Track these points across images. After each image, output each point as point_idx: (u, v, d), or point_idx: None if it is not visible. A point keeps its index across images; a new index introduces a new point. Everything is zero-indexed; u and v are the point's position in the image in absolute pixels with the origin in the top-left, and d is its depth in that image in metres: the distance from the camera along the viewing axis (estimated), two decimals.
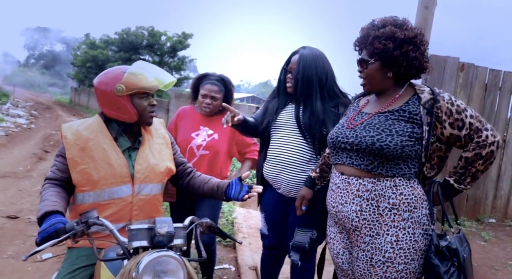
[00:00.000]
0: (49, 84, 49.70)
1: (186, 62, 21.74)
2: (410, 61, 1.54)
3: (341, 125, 1.72)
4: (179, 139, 2.50)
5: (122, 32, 20.52)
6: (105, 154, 1.64)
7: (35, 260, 3.31)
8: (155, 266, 1.14)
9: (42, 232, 1.27)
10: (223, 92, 2.49)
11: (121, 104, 1.64)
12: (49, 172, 1.63)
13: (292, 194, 2.11)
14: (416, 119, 1.52)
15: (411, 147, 1.50)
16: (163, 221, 1.23)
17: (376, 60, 1.58)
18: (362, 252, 1.59)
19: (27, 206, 4.76)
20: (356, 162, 1.59)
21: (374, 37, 1.56)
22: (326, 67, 2.10)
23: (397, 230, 1.52)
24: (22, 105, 20.14)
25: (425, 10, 4.22)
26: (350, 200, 1.60)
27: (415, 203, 1.53)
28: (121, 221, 1.66)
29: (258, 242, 3.86)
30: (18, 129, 12.19)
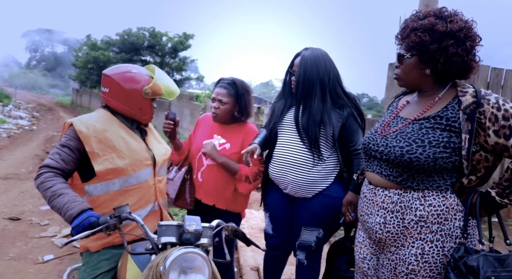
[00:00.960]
0: (51, 86, 49.83)
1: (187, 63, 21.76)
2: (450, 57, 1.36)
3: (375, 130, 1.60)
4: (193, 147, 2.41)
5: (123, 33, 20.55)
6: (125, 141, 1.69)
7: (37, 262, 3.31)
8: (182, 262, 1.17)
9: (77, 226, 1.32)
10: (234, 96, 2.28)
11: (145, 106, 1.78)
12: (50, 159, 1.57)
13: (298, 195, 2.11)
14: (454, 126, 1.36)
15: (446, 159, 1.36)
16: (192, 219, 1.27)
17: (413, 55, 1.44)
18: (387, 260, 1.53)
19: (29, 207, 4.77)
20: (385, 172, 1.49)
21: (412, 29, 1.41)
22: (329, 68, 2.07)
23: (423, 243, 1.41)
24: (24, 107, 20.18)
25: (426, 8, 4.20)
26: (375, 212, 1.53)
27: (446, 215, 1.39)
28: (149, 203, 1.77)
29: (260, 243, 3.84)
30: (20, 130, 12.22)
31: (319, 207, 2.08)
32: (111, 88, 1.72)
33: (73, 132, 1.61)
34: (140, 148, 1.75)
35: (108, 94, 1.73)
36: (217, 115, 2.31)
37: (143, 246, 1.33)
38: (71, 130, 1.63)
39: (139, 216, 1.69)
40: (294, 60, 2.16)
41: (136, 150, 1.72)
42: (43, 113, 19.29)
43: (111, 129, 1.68)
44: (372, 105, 50.84)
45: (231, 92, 2.28)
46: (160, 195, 1.85)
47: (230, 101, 2.28)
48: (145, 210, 1.75)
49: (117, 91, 1.71)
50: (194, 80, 25.12)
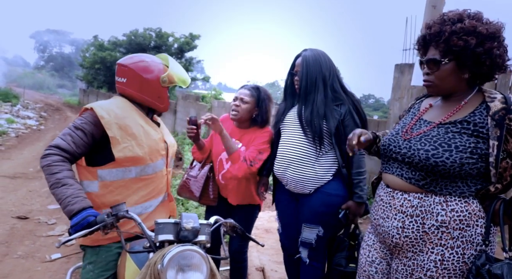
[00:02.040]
0: (59, 86, 50.19)
1: (194, 63, 21.77)
2: (495, 59, 1.33)
3: (396, 132, 1.56)
4: (213, 150, 2.51)
5: (130, 34, 20.61)
6: (144, 130, 1.70)
7: (44, 260, 3.35)
8: (180, 259, 1.17)
9: (75, 225, 1.34)
10: (256, 99, 2.40)
11: (162, 94, 1.78)
12: (61, 140, 1.54)
13: (297, 190, 2.18)
14: (482, 132, 1.33)
15: (473, 164, 1.33)
16: (189, 217, 1.26)
17: (450, 60, 1.38)
18: (402, 265, 1.48)
19: (37, 206, 4.82)
20: (407, 175, 1.45)
21: (452, 32, 1.35)
22: (329, 65, 2.18)
23: (444, 249, 1.37)
24: (32, 107, 20.35)
25: (433, 9, 4.19)
26: (392, 215, 1.48)
27: (468, 221, 1.35)
28: (161, 193, 1.79)
29: (265, 243, 3.84)
30: (28, 130, 12.34)
31: (318, 204, 2.13)
32: (128, 77, 1.71)
33: (91, 117, 1.60)
34: (158, 138, 1.76)
35: (125, 84, 1.73)
36: (237, 113, 2.40)
37: (142, 244, 1.33)
38: (90, 114, 1.61)
39: (151, 206, 1.73)
40: (295, 61, 2.26)
41: (155, 139, 1.73)
42: (51, 113, 19.45)
43: (131, 116, 1.68)
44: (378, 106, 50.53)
45: (253, 94, 2.41)
46: (168, 186, 1.88)
47: (251, 101, 2.39)
48: (158, 200, 1.77)
49: (135, 80, 1.71)
50: (200, 81, 25.14)
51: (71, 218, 1.37)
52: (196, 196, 2.48)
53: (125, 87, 1.73)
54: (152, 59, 1.78)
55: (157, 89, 1.75)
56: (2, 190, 5.37)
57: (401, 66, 5.44)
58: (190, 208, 4.75)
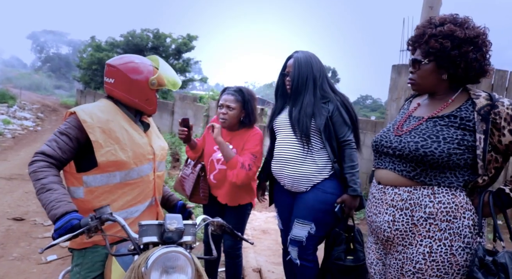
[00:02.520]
0: (56, 87, 50.02)
1: (191, 64, 21.75)
2: (469, 62, 1.43)
3: (387, 129, 1.65)
4: (205, 150, 2.56)
5: (127, 35, 20.58)
6: (128, 134, 1.67)
7: (40, 262, 3.33)
8: (164, 261, 1.16)
9: (59, 229, 1.31)
10: (241, 102, 2.42)
11: (151, 96, 1.75)
12: (46, 146, 1.53)
13: (294, 189, 2.23)
14: (469, 125, 1.42)
15: (460, 155, 1.40)
16: (173, 218, 1.25)
17: (430, 61, 1.49)
18: (394, 260, 1.54)
19: (33, 208, 4.79)
20: (398, 167, 1.52)
21: (431, 35, 1.46)
22: (319, 66, 2.27)
23: (432, 241, 1.43)
24: (29, 108, 20.28)
25: (430, 10, 4.20)
26: (383, 210, 1.55)
27: (455, 213, 1.41)
28: (147, 198, 1.76)
29: (262, 244, 3.85)
30: (24, 131, 12.29)
31: (312, 200, 2.17)
32: (116, 78, 1.69)
33: (74, 121, 1.58)
34: (143, 141, 1.73)
35: (113, 85, 1.70)
36: (225, 120, 2.42)
37: (128, 246, 1.31)
38: (73, 119, 1.59)
39: (137, 211, 1.70)
40: (286, 62, 2.33)
41: (139, 143, 1.70)
42: (48, 114, 19.38)
43: (115, 120, 1.65)
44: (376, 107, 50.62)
45: (238, 98, 2.42)
46: (157, 191, 1.83)
47: (237, 106, 2.41)
48: (144, 205, 1.74)
49: (123, 82, 1.68)
50: (198, 81, 25.14)
51: (55, 222, 1.34)
52: (187, 195, 2.56)
53: (113, 88, 1.70)
54: (141, 60, 1.75)
55: (146, 91, 1.72)
56: None
57: (398, 67, 5.45)
58: None
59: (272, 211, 4.99)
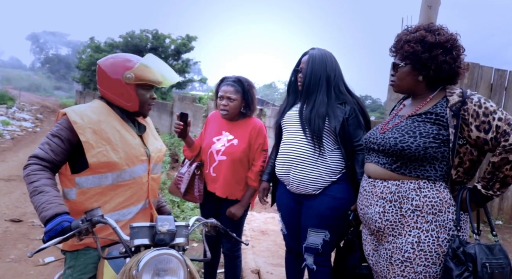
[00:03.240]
0: (55, 88, 50.06)
1: (190, 65, 21.76)
2: (439, 64, 1.55)
3: (376, 127, 1.79)
4: (204, 144, 2.50)
5: (127, 35, 20.61)
6: (120, 135, 1.65)
7: (37, 264, 3.31)
8: (156, 264, 1.14)
9: (49, 231, 1.29)
10: (241, 93, 2.41)
11: (126, 91, 1.68)
12: (39, 149, 1.52)
13: (299, 191, 2.13)
14: (442, 121, 1.53)
15: (436, 148, 1.52)
16: (165, 219, 1.23)
17: (407, 64, 1.63)
18: (384, 250, 1.63)
19: (31, 209, 4.76)
20: (382, 161, 1.65)
21: (405, 41, 1.61)
22: (335, 65, 2.17)
23: (420, 232, 1.53)
24: (28, 109, 20.27)
25: (428, 9, 4.17)
26: (374, 202, 1.65)
27: (440, 207, 1.52)
28: (141, 200, 1.73)
29: (261, 245, 3.84)
30: (23, 132, 12.27)
31: (324, 208, 2.08)
32: (98, 75, 1.69)
33: (66, 122, 1.56)
34: (135, 143, 1.69)
35: (98, 83, 1.70)
36: (227, 112, 2.41)
37: (119, 249, 1.29)
38: (64, 120, 1.57)
39: (130, 213, 1.68)
40: (301, 58, 2.25)
41: (131, 144, 1.67)
42: (47, 115, 19.37)
43: (106, 121, 1.63)
44: (375, 107, 50.62)
45: (238, 89, 2.40)
46: (152, 193, 1.80)
47: (238, 97, 2.40)
48: (137, 207, 1.71)
49: (102, 78, 1.68)
50: (197, 82, 25.15)
51: (45, 224, 1.32)
52: (181, 192, 2.49)
53: (98, 86, 1.71)
54: (124, 56, 1.71)
55: (119, 85, 1.65)
56: None
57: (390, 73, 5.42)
58: (186, 210, 4.72)
59: (271, 212, 4.97)
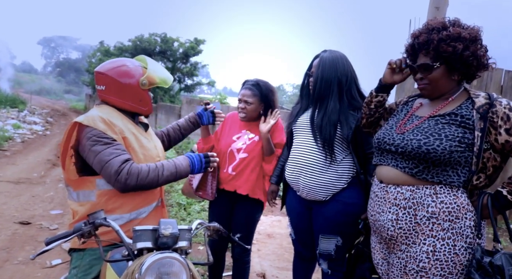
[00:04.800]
0: (65, 91, 50.65)
1: (199, 68, 21.85)
2: (479, 59, 1.47)
3: (390, 127, 1.67)
4: (222, 143, 2.51)
5: (136, 39, 20.75)
6: (137, 138, 1.69)
7: (45, 266, 3.33)
8: (159, 267, 1.13)
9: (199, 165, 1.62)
10: (258, 97, 2.42)
11: (144, 97, 1.75)
12: (118, 156, 1.53)
13: (309, 197, 2.10)
14: (468, 123, 1.44)
15: (461, 153, 1.42)
16: (168, 223, 1.23)
17: (441, 64, 1.51)
18: (397, 259, 1.55)
19: (39, 212, 4.82)
20: (401, 164, 1.53)
21: (439, 40, 1.47)
22: (347, 69, 2.09)
23: (435, 240, 1.44)
24: (39, 112, 20.52)
25: (436, 11, 4.14)
26: (387, 209, 1.56)
27: (457, 213, 1.43)
28: (155, 200, 1.78)
29: (267, 248, 3.82)
30: (34, 135, 12.42)
31: (334, 214, 2.05)
32: (107, 85, 1.69)
33: (99, 133, 1.56)
34: (150, 145, 1.75)
35: (105, 92, 1.70)
36: (245, 114, 2.46)
37: (122, 252, 1.30)
38: (94, 129, 1.56)
39: (145, 212, 1.71)
40: (312, 62, 2.20)
41: (147, 146, 1.72)
42: (57, 118, 19.59)
43: (126, 127, 1.68)
44: None
45: (255, 92, 2.43)
46: (163, 191, 1.86)
47: (255, 101, 2.42)
48: (151, 206, 1.75)
49: (114, 87, 1.68)
50: (205, 85, 25.21)
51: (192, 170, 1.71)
52: (193, 188, 2.49)
53: (105, 95, 1.70)
54: (129, 62, 1.74)
55: (138, 92, 1.71)
56: (6, 195, 5.38)
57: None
58: (192, 212, 4.72)
59: (277, 215, 4.95)
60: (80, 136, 1.58)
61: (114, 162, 1.51)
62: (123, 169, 1.52)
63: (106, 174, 1.53)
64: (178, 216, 4.54)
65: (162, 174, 1.58)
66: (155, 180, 1.57)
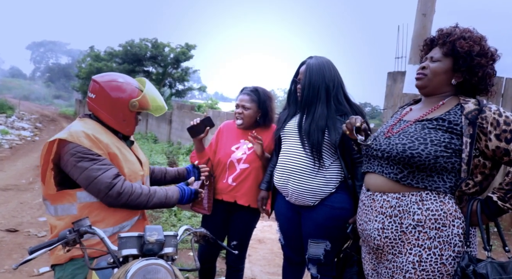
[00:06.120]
0: (55, 97, 50.19)
1: (190, 73, 21.82)
2: (486, 75, 1.45)
3: (378, 133, 1.65)
4: (220, 154, 2.47)
5: (126, 44, 20.65)
6: (121, 153, 1.68)
7: (32, 274, 3.28)
8: (145, 274, 1.13)
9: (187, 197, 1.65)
10: (256, 102, 2.42)
11: (129, 118, 1.73)
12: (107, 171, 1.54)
13: (298, 202, 2.10)
14: (456, 129, 1.41)
15: (447, 158, 1.39)
16: (153, 229, 1.22)
17: (449, 59, 1.49)
18: (385, 269, 1.52)
19: (27, 219, 4.75)
20: (387, 170, 1.51)
21: (460, 36, 1.46)
22: (333, 75, 2.11)
23: (421, 250, 1.40)
24: (27, 118, 20.29)
25: (423, 17, 4.21)
26: (373, 218, 1.52)
27: (444, 220, 1.39)
28: (137, 213, 1.76)
29: (258, 253, 3.81)
30: (22, 141, 12.27)
31: (322, 218, 2.06)
32: (97, 94, 1.68)
33: (84, 149, 1.55)
34: (133, 159, 1.74)
35: (94, 100, 1.69)
36: (242, 120, 2.44)
37: (108, 259, 1.28)
38: (80, 147, 1.55)
39: (126, 226, 1.70)
40: (299, 68, 2.21)
41: (132, 160, 1.71)
42: (46, 124, 19.39)
43: (111, 142, 1.66)
44: (375, 114, 50.58)
45: (253, 98, 2.43)
46: None
47: (252, 106, 2.42)
48: (133, 219, 1.73)
49: (103, 99, 1.68)
50: (196, 90, 25.18)
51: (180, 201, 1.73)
52: (191, 205, 2.42)
53: (93, 104, 1.69)
54: (127, 80, 1.73)
55: (124, 112, 1.69)
56: None
57: (394, 74, 5.45)
58: (182, 218, 4.69)
59: (268, 221, 4.94)
60: (62, 151, 1.57)
61: (104, 177, 1.53)
62: (115, 184, 1.54)
63: (95, 189, 1.55)
64: (169, 222, 4.52)
65: (151, 200, 1.64)
66: (143, 204, 1.62)
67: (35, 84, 53.06)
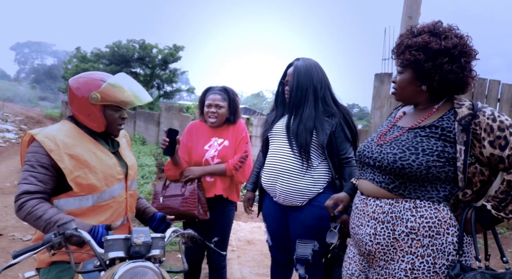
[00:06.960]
0: (40, 98, 49.37)
1: (178, 75, 21.71)
2: (444, 75, 1.37)
3: (371, 139, 1.60)
4: (194, 155, 2.53)
5: (113, 45, 20.46)
6: (96, 156, 1.63)
7: None
8: (132, 277, 1.12)
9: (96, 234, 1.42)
10: (227, 101, 2.53)
11: (92, 112, 1.64)
12: (27, 185, 1.48)
13: (286, 203, 2.12)
14: (449, 136, 1.35)
15: (440, 168, 1.33)
16: (140, 231, 1.21)
17: (408, 72, 1.46)
18: (376, 275, 1.47)
19: (12, 222, 4.65)
20: (378, 179, 1.46)
21: (406, 46, 1.42)
22: (321, 76, 2.14)
23: (414, 258, 1.36)
24: (12, 120, 19.89)
25: (409, 20, 4.28)
26: (365, 222, 1.48)
27: (438, 228, 1.34)
28: (120, 217, 1.73)
29: (247, 255, 3.81)
30: (6, 144, 12.03)
31: (310, 218, 2.07)
32: (69, 96, 1.67)
33: (42, 149, 1.52)
34: (111, 162, 1.69)
35: (69, 102, 1.69)
36: (216, 119, 2.50)
37: (94, 262, 1.27)
38: (39, 147, 1.53)
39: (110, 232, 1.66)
40: (286, 70, 2.22)
41: (109, 164, 1.66)
42: (31, 126, 19.01)
43: (81, 144, 1.61)
44: (363, 115, 51.11)
45: (225, 97, 2.53)
46: (130, 209, 1.81)
47: (225, 105, 2.52)
48: (116, 224, 1.67)
49: (70, 96, 1.66)
50: (185, 92, 25.08)
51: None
52: (197, 214, 2.35)
53: (69, 106, 1.69)
54: (95, 76, 1.67)
55: (85, 106, 1.63)
56: None
57: (381, 76, 5.51)
58: None
59: (257, 222, 4.94)
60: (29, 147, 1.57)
61: (20, 187, 1.50)
62: (19, 199, 1.48)
63: None
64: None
65: (47, 230, 1.45)
66: (39, 228, 1.48)
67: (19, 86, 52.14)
